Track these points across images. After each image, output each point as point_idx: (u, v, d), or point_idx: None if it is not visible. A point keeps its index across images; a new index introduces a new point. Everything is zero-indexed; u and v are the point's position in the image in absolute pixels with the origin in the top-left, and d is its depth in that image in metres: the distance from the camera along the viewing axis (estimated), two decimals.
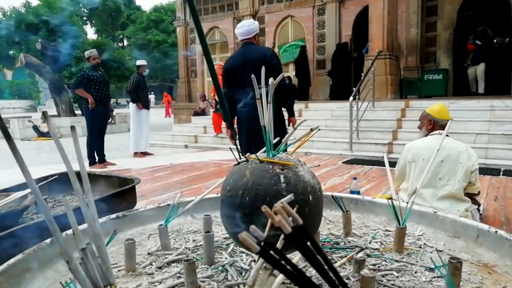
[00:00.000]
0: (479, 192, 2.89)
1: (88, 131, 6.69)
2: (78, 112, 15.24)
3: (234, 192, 0.76)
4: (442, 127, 2.77)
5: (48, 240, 0.97)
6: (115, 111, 8.68)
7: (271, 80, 0.78)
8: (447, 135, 2.72)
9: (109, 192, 2.19)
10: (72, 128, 0.70)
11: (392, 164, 6.51)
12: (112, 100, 7.66)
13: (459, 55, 11.06)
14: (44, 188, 2.48)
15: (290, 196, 0.47)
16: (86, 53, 6.81)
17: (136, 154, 8.06)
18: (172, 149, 9.49)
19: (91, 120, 6.61)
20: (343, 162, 6.78)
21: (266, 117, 0.77)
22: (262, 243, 0.37)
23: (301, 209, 0.71)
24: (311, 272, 0.92)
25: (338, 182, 5.23)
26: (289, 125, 3.96)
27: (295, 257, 0.81)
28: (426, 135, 2.85)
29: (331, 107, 9.37)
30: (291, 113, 3.73)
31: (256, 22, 3.70)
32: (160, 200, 4.40)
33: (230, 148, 0.83)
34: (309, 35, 13.16)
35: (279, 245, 0.53)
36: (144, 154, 8.14)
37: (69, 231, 1.02)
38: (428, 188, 2.63)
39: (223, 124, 9.50)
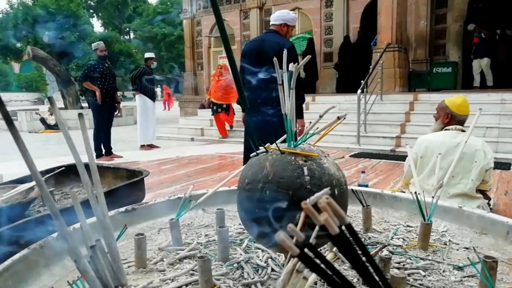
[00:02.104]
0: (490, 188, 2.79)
1: (94, 124, 6.67)
2: (84, 104, 15.25)
3: (253, 185, 0.70)
4: (460, 122, 2.63)
5: (55, 235, 0.93)
6: (122, 104, 8.65)
7: (291, 65, 0.73)
8: (463, 130, 2.62)
9: (117, 184, 2.15)
10: (80, 115, 0.65)
11: (401, 158, 6.43)
12: (119, 93, 7.61)
13: (469, 48, 10.87)
14: (51, 180, 2.44)
15: (326, 190, 0.42)
16: (94, 45, 6.76)
17: (142, 146, 8.05)
18: (179, 142, 9.46)
19: (98, 112, 6.59)
20: (351, 156, 6.71)
21: (287, 104, 0.72)
22: (301, 246, 0.32)
23: None
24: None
25: (346, 175, 5.14)
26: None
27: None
28: (441, 128, 2.70)
29: (339, 100, 9.27)
30: (300, 115, 3.44)
31: (293, 14, 3.58)
32: (167, 192, 4.37)
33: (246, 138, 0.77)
34: (317, 27, 13.01)
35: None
36: (151, 146, 8.12)
37: (77, 225, 0.97)
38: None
39: (227, 127, 9.40)
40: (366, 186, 3.39)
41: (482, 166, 2.48)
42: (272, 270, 0.88)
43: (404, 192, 2.88)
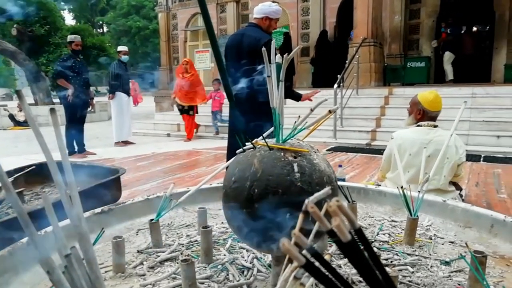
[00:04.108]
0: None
1: (66, 120, 6.45)
2: (56, 100, 14.78)
3: (240, 183, 0.66)
4: (432, 118, 2.65)
5: (25, 239, 0.86)
6: (95, 99, 8.41)
7: (285, 56, 0.69)
8: (436, 126, 2.66)
9: (92, 183, 2.05)
10: (52, 110, 0.59)
11: (376, 151, 6.52)
12: (92, 88, 7.40)
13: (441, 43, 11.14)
14: (21, 180, 2.33)
15: (327, 190, 0.39)
16: (70, 37, 6.52)
17: (117, 143, 7.86)
18: (155, 138, 9.29)
19: (70, 108, 6.37)
20: (327, 150, 6.76)
21: (275, 97, 0.68)
22: (306, 254, 0.28)
23: (318, 203, 0.63)
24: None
25: None
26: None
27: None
28: (415, 123, 2.73)
29: (316, 95, 9.31)
30: (296, 95, 3.67)
31: (276, 7, 3.46)
32: (143, 190, 4.28)
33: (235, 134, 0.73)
34: (293, 21, 13.01)
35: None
36: (126, 143, 7.94)
37: (49, 228, 0.91)
38: (413, 184, 2.54)
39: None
40: (343, 180, 3.40)
41: (454, 161, 2.53)
42: (258, 271, 0.85)
43: (380, 185, 2.94)
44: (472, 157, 5.67)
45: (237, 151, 0.74)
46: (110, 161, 6.08)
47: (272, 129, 0.97)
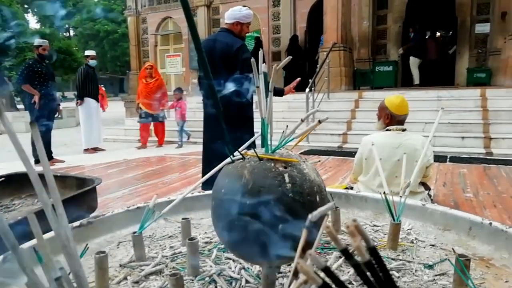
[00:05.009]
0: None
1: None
2: (20, 106, 14.24)
3: (231, 195, 0.65)
4: (400, 122, 2.72)
5: (1, 257, 0.81)
6: (62, 105, 8.16)
7: (274, 66, 0.69)
8: (404, 129, 2.73)
9: (66, 195, 1.97)
10: (32, 124, 0.57)
11: (348, 154, 6.62)
12: (58, 94, 7.18)
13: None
14: None
15: (331, 204, 0.38)
16: (38, 41, 6.29)
17: (86, 150, 7.64)
18: (125, 144, 9.09)
19: (36, 115, 6.14)
20: (300, 153, 6.82)
21: (263, 107, 0.67)
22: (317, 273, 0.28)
23: (309, 213, 0.63)
24: None
25: None
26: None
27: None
28: (384, 128, 2.78)
29: (288, 99, 9.38)
30: (280, 90, 3.63)
31: (247, 11, 3.40)
32: (115, 197, 4.17)
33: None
34: (264, 26, 13.10)
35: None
36: (96, 149, 7.73)
37: (26, 244, 0.86)
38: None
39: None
40: None
41: (423, 164, 2.61)
42: (247, 281, 0.84)
43: (352, 187, 2.99)
44: (439, 158, 5.86)
45: (224, 162, 0.73)
46: (79, 168, 5.91)
47: (253, 138, 0.97)
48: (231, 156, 0.70)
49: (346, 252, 0.29)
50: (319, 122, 0.67)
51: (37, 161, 6.12)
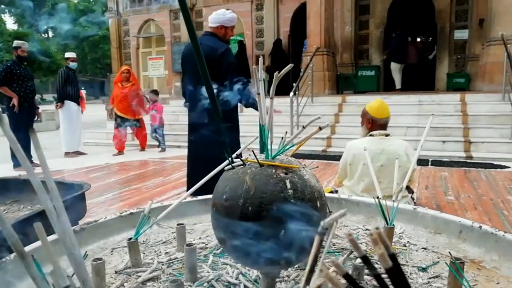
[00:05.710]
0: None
1: (11, 131, 6.06)
2: None
3: (233, 201, 0.65)
4: (382, 126, 2.74)
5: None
6: (41, 108, 7.99)
7: (275, 74, 0.69)
8: (388, 135, 2.76)
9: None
10: (32, 131, 0.57)
11: (332, 158, 6.68)
12: (37, 96, 7.02)
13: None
14: None
15: (343, 212, 0.39)
16: (17, 43, 6.15)
17: (67, 154, 7.49)
18: (107, 148, 8.95)
19: (15, 118, 6.00)
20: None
21: (264, 114, 0.68)
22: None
23: (311, 219, 0.63)
24: None
25: None
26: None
27: None
28: (367, 133, 2.81)
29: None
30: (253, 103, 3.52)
31: (230, 15, 3.38)
32: (98, 202, 4.10)
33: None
34: (248, 30, 13.14)
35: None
36: (77, 153, 7.59)
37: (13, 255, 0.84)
38: (368, 192, 2.62)
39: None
40: None
41: (406, 169, 2.64)
42: (245, 286, 0.84)
43: (337, 191, 3.02)
44: (421, 162, 5.98)
45: (225, 168, 0.73)
46: (60, 173, 5.79)
47: (250, 142, 0.97)
48: (230, 160, 0.70)
49: (366, 259, 0.30)
50: (320, 128, 0.67)
51: (15, 165, 5.98)
